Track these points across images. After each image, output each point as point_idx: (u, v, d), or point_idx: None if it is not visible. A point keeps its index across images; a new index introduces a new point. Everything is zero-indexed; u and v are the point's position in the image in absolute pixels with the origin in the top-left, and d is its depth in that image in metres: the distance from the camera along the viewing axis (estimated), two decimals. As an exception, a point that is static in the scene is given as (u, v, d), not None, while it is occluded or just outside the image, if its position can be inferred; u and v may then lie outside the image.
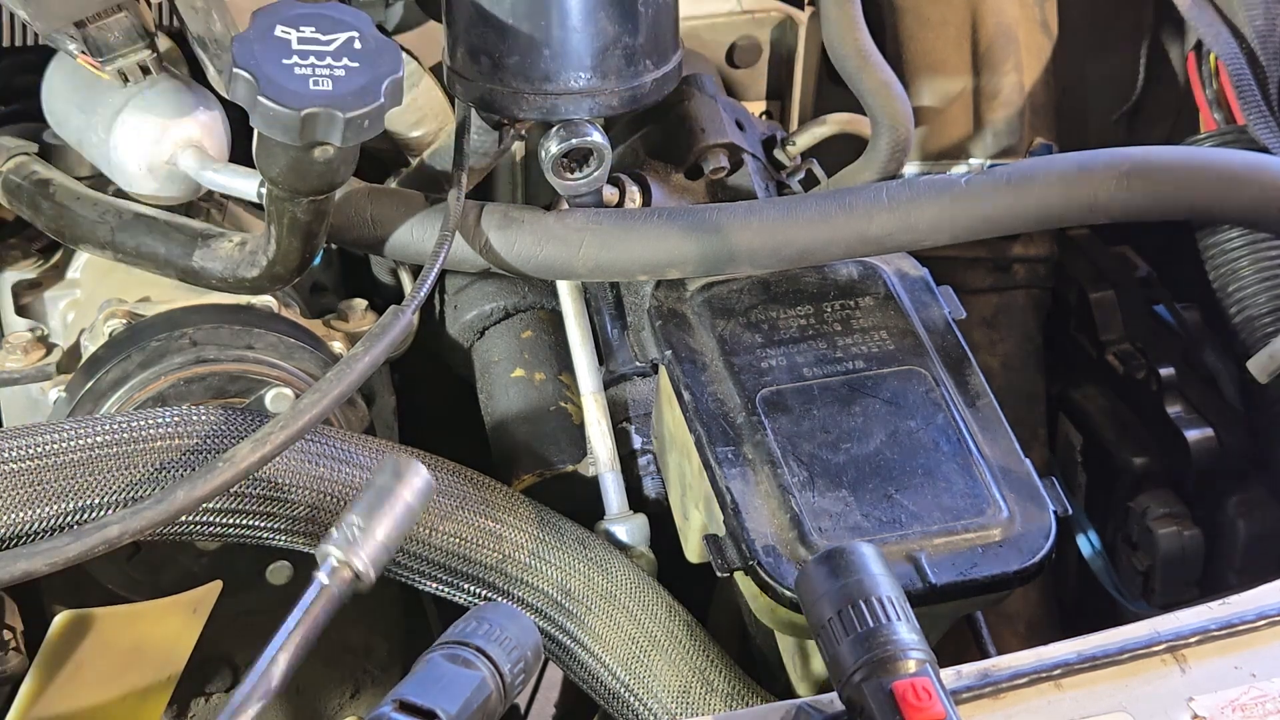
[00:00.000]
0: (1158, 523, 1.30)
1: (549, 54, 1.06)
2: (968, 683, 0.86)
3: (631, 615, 1.08)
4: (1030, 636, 1.36)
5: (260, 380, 1.12)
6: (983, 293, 1.42)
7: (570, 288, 1.20)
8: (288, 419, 0.96)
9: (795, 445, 1.00)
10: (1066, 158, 1.06)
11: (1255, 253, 1.28)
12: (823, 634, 0.82)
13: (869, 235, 1.05)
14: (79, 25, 1.08)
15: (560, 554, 1.09)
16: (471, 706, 0.80)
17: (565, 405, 1.24)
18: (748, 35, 1.38)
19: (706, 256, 1.06)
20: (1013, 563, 0.95)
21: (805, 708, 0.86)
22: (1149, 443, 1.34)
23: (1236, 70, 1.30)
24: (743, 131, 1.23)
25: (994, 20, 1.42)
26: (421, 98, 1.25)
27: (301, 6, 0.98)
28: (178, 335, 1.13)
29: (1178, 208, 1.04)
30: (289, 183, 1.00)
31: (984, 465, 0.99)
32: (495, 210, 1.09)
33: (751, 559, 0.95)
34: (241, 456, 0.95)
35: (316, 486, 1.04)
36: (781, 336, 1.07)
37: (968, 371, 1.05)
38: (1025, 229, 1.08)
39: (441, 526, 1.07)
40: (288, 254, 1.06)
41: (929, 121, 1.42)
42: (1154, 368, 1.33)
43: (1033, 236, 1.41)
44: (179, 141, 1.14)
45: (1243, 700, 0.85)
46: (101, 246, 1.15)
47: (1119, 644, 0.89)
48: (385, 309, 1.03)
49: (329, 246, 1.31)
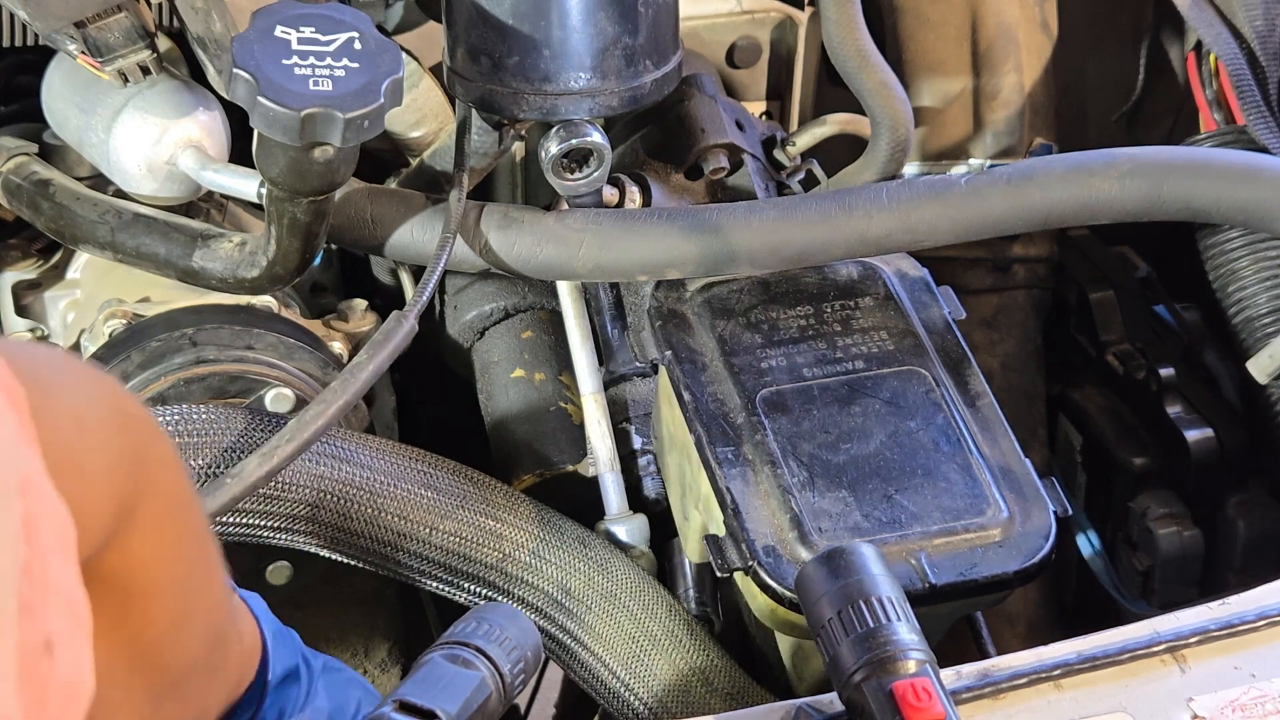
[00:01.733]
0: (1158, 523, 1.30)
1: (549, 54, 1.06)
2: (968, 683, 0.86)
3: (632, 615, 1.08)
4: (1030, 637, 1.36)
5: (260, 380, 1.12)
6: (983, 293, 1.42)
7: (570, 288, 1.20)
8: (294, 431, 0.96)
9: (795, 445, 1.00)
10: (1066, 158, 1.06)
11: (1255, 253, 1.28)
12: (823, 634, 0.82)
13: (869, 236, 1.05)
14: (79, 25, 1.08)
15: (561, 553, 1.09)
16: (471, 707, 0.80)
17: (565, 405, 1.24)
18: (748, 35, 1.37)
19: (706, 257, 1.06)
20: (1013, 563, 0.95)
21: (805, 708, 0.86)
22: (1149, 443, 1.34)
23: (1236, 70, 1.30)
24: (743, 132, 1.23)
25: (994, 20, 1.41)
26: (421, 98, 1.25)
27: (301, 7, 0.98)
28: (178, 335, 1.13)
29: (1178, 208, 1.04)
30: (289, 183, 1.00)
31: (984, 465, 0.99)
32: (495, 211, 1.09)
33: (751, 559, 0.95)
34: (249, 471, 0.95)
35: (317, 485, 1.04)
36: (781, 337, 1.07)
37: (967, 372, 1.05)
38: (1025, 229, 1.08)
39: (442, 526, 1.07)
40: (288, 254, 1.06)
41: (929, 121, 1.42)
42: (1154, 368, 1.33)
43: (1033, 236, 1.41)
44: (179, 142, 1.14)
45: (1243, 700, 0.85)
46: (101, 247, 1.15)
47: (1119, 644, 0.89)
48: (385, 309, 1.03)
49: (329, 247, 1.31)
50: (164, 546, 0.66)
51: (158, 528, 0.65)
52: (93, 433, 0.60)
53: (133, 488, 0.63)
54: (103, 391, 0.63)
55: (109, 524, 0.62)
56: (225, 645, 0.77)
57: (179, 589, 0.69)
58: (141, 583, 0.66)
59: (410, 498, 1.07)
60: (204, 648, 0.74)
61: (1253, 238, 1.28)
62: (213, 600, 0.73)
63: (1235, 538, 1.29)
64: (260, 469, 0.95)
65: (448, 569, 1.08)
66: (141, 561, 0.65)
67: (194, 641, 0.72)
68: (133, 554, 0.64)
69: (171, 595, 0.69)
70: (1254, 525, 1.28)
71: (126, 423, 0.64)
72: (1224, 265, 1.29)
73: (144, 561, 0.65)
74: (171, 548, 0.67)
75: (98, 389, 0.63)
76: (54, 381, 0.59)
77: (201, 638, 0.73)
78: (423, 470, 1.09)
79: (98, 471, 0.60)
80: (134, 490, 0.63)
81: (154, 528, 0.65)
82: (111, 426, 0.62)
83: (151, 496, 0.64)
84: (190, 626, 0.71)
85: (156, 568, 0.66)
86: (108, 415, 0.62)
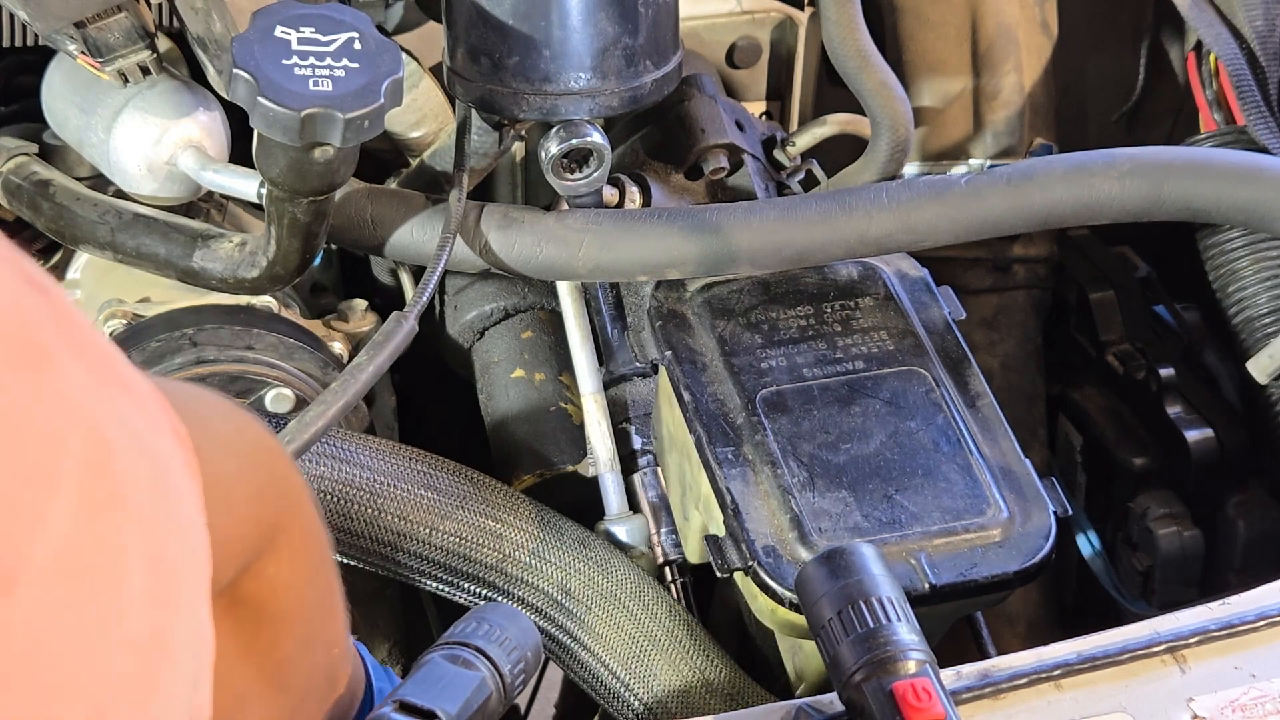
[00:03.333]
0: (1158, 523, 1.30)
1: (549, 54, 1.06)
2: (968, 683, 0.86)
3: (632, 615, 1.08)
4: (1030, 637, 1.36)
5: (260, 381, 1.12)
6: (983, 293, 1.42)
7: (570, 288, 1.20)
8: (294, 433, 0.96)
9: (795, 446, 1.00)
10: (1066, 158, 1.06)
11: (1255, 253, 1.28)
12: (823, 634, 0.82)
13: (869, 236, 1.05)
14: (79, 26, 1.08)
15: (561, 554, 1.09)
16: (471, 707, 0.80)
17: (565, 405, 1.24)
18: (748, 35, 1.37)
19: (706, 257, 1.06)
20: (1013, 563, 0.95)
21: (805, 708, 0.86)
22: (1149, 443, 1.34)
23: (1236, 71, 1.30)
24: (743, 132, 1.23)
25: (994, 20, 1.41)
26: (421, 98, 1.25)
27: (301, 7, 0.98)
28: (178, 336, 1.13)
29: (1178, 208, 1.04)
30: (289, 183, 1.00)
31: (984, 466, 0.99)
32: (495, 211, 1.09)
33: (751, 560, 0.95)
34: None
35: (317, 486, 1.04)
36: (781, 337, 1.07)
37: (967, 372, 1.05)
38: (1025, 229, 1.08)
39: (442, 526, 1.07)
40: (287, 254, 1.06)
41: (929, 121, 1.42)
42: (1154, 368, 1.33)
43: (1033, 236, 1.41)
44: (179, 142, 1.14)
45: (1243, 700, 0.85)
46: (101, 247, 1.15)
47: (1119, 644, 0.88)
48: (385, 309, 1.03)
49: (329, 247, 1.31)
50: (298, 574, 0.70)
51: (293, 556, 0.69)
52: (242, 465, 0.64)
53: (274, 517, 0.67)
54: (249, 427, 0.67)
55: (251, 550, 0.65)
56: (342, 676, 0.80)
57: (308, 615, 0.73)
58: (276, 607, 0.70)
59: (410, 498, 1.07)
60: (323, 674, 0.77)
61: (1253, 238, 1.28)
62: (334, 629, 0.77)
63: (1235, 538, 1.28)
64: (261, 471, 0.95)
65: (447, 569, 1.08)
66: (277, 587, 0.69)
67: (315, 667, 0.76)
68: (270, 579, 0.68)
69: (301, 620, 0.73)
70: (1254, 525, 1.28)
71: (270, 457, 0.68)
72: (1224, 265, 1.29)
73: (279, 587, 0.69)
74: (305, 575, 0.71)
75: (245, 424, 0.67)
76: (207, 416, 0.62)
77: (322, 664, 0.77)
78: (422, 470, 1.09)
79: (245, 501, 0.64)
80: (275, 520, 0.67)
81: (290, 556, 0.69)
82: (258, 459, 0.66)
83: (289, 527, 0.68)
84: (313, 651, 0.75)
85: (290, 594, 0.70)
86: (254, 449, 0.66)
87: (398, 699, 0.78)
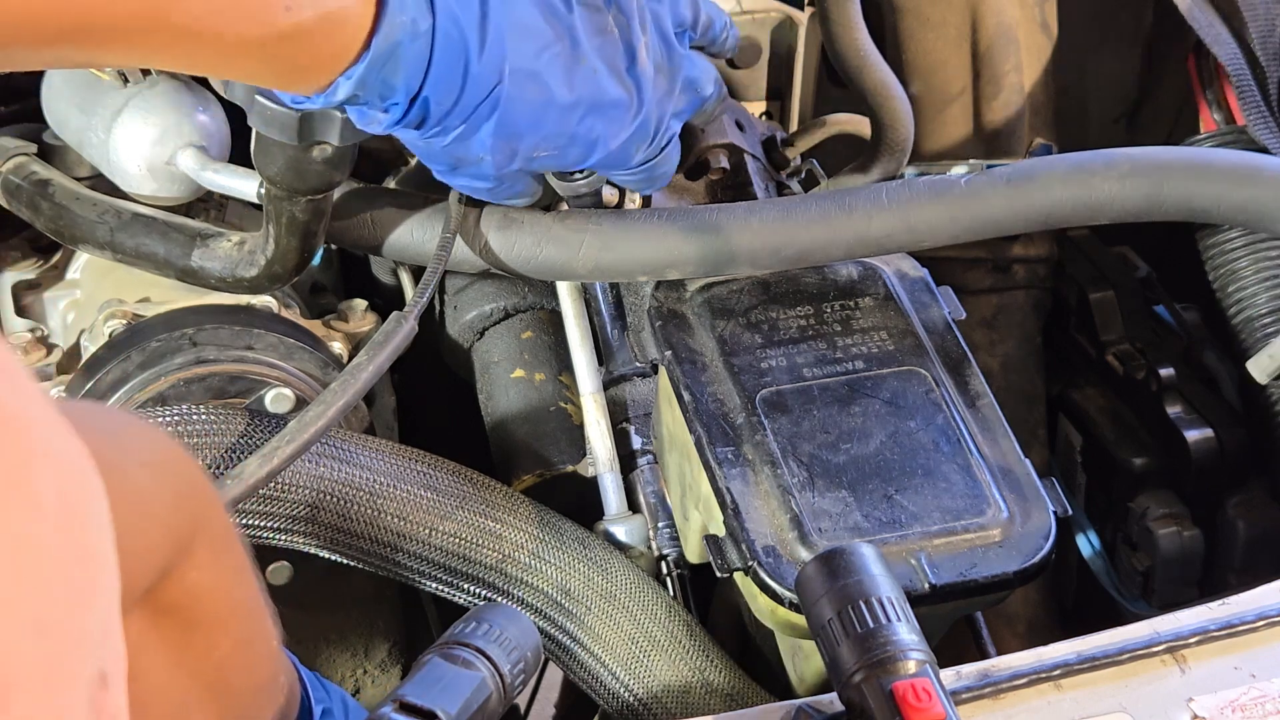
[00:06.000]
0: (1158, 523, 1.30)
1: (549, 54, 1.06)
2: (967, 683, 0.86)
3: (631, 615, 1.08)
4: (1030, 637, 1.36)
5: (260, 381, 1.12)
6: (982, 293, 1.42)
7: (570, 288, 1.20)
8: (294, 432, 0.96)
9: (795, 446, 1.00)
10: (1066, 158, 1.06)
11: (1255, 253, 1.28)
12: (822, 635, 0.82)
13: (869, 236, 1.05)
14: (79, 25, 1.08)
15: (560, 554, 1.09)
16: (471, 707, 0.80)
17: (565, 405, 1.24)
18: (748, 35, 1.37)
19: (706, 257, 1.06)
20: (1013, 563, 0.95)
21: (805, 708, 0.86)
22: (1149, 443, 1.34)
23: (1236, 71, 1.30)
24: (743, 132, 1.23)
25: (994, 20, 1.42)
26: (421, 98, 1.24)
27: (301, 7, 0.98)
28: (178, 336, 1.13)
29: (1178, 208, 1.03)
30: (287, 182, 1.00)
31: (984, 466, 0.99)
32: (495, 211, 1.09)
33: (751, 559, 0.95)
34: (249, 472, 0.95)
35: (317, 486, 1.04)
36: (781, 337, 1.07)
37: (967, 372, 1.05)
38: (1025, 229, 1.08)
39: (442, 526, 1.07)
40: (286, 253, 1.06)
41: (929, 121, 1.42)
42: (1154, 368, 1.33)
43: (1033, 237, 1.41)
44: (179, 142, 1.14)
45: (1242, 700, 0.85)
46: (100, 247, 1.15)
47: (1119, 644, 0.89)
48: (385, 309, 1.03)
49: (329, 246, 1.31)
50: (221, 576, 0.73)
51: (214, 559, 0.71)
52: (155, 477, 0.66)
53: (190, 522, 0.69)
54: (157, 438, 0.70)
55: (168, 557, 0.67)
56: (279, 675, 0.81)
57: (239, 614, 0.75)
58: (203, 611, 0.72)
59: (410, 498, 1.07)
60: (267, 672, 0.79)
61: (1253, 238, 1.28)
62: (267, 627, 0.79)
63: (1235, 538, 1.29)
64: (261, 470, 0.95)
65: (447, 569, 1.08)
66: (201, 591, 0.71)
67: (258, 665, 0.78)
68: (193, 584, 0.70)
69: (234, 620, 0.75)
70: (1254, 525, 1.28)
71: (182, 465, 0.70)
72: (1224, 265, 1.29)
73: (203, 591, 0.71)
74: (228, 577, 0.74)
75: (153, 436, 0.70)
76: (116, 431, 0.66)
77: (264, 662, 0.78)
78: (422, 471, 1.09)
79: (161, 510, 0.66)
80: (191, 525, 0.69)
81: (210, 559, 0.71)
82: (169, 471, 0.69)
83: (205, 531, 0.70)
84: (253, 651, 0.77)
85: (216, 596, 0.72)
86: (165, 459, 0.69)
87: (398, 698, 0.78)
